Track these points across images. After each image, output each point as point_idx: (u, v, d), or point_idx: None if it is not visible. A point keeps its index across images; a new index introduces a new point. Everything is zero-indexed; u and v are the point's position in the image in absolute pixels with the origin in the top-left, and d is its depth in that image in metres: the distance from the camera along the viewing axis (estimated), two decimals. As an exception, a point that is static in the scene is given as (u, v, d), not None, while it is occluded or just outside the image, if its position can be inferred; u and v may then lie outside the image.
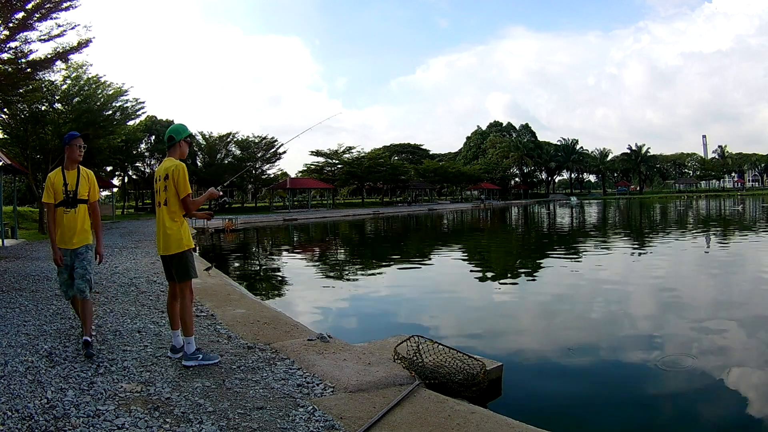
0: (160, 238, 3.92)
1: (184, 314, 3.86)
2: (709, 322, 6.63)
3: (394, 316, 7.55)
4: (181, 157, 4.01)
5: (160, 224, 3.88)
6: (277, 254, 17.56)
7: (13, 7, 12.36)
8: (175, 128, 4.06)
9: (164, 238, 3.86)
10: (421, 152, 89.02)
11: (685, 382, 4.63)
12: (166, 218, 3.84)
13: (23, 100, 18.14)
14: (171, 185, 3.81)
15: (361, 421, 2.91)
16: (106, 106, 25.28)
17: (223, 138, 50.93)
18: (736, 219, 26.82)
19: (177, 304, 3.96)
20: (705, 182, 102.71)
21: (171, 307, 4.01)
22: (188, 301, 3.90)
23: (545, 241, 19.92)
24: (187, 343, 3.87)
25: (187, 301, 3.89)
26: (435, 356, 3.87)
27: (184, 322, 3.87)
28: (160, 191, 3.89)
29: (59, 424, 2.81)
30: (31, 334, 4.68)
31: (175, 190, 3.81)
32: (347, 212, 45.43)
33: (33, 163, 21.86)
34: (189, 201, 3.84)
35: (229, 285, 8.24)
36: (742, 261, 12.28)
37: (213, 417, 2.95)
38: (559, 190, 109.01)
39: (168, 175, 3.81)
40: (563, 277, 10.62)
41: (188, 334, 3.86)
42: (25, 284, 7.66)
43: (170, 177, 3.80)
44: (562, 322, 7.02)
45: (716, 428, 3.86)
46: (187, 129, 4.09)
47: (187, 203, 3.84)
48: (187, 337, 3.87)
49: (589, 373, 4.95)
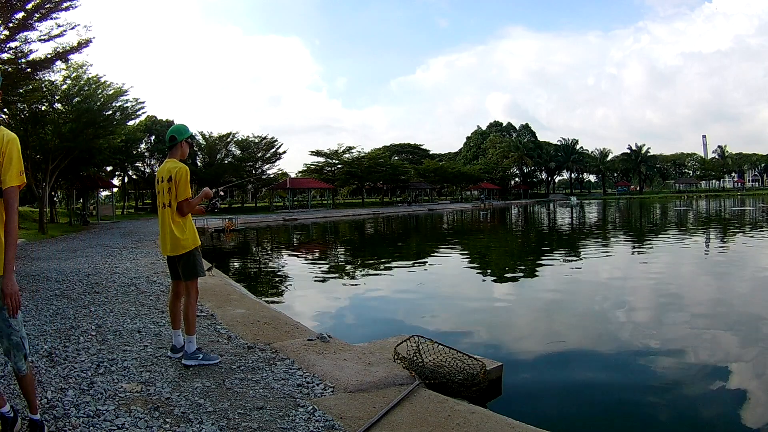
0: (166, 240, 3.90)
1: (188, 312, 3.86)
2: (710, 322, 6.63)
3: (394, 316, 7.54)
4: (182, 157, 4.01)
5: (166, 226, 3.86)
6: (277, 254, 17.56)
7: (13, 7, 12.37)
8: (176, 128, 4.05)
9: (171, 239, 3.85)
10: (421, 152, 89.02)
11: (686, 382, 4.63)
12: (172, 219, 3.83)
13: (23, 100, 18.14)
14: (174, 187, 3.81)
15: (361, 421, 2.91)
16: (106, 106, 25.25)
17: (223, 138, 50.92)
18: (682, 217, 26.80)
19: (180, 303, 3.96)
20: (705, 182, 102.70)
21: (173, 306, 4.01)
22: (194, 300, 3.91)
23: (545, 241, 19.93)
24: (188, 341, 3.87)
25: (193, 300, 3.90)
26: (435, 356, 3.87)
27: (188, 320, 3.86)
28: (163, 192, 3.87)
29: (59, 424, 2.81)
30: (31, 334, 4.67)
31: (175, 191, 3.81)
32: (347, 212, 45.42)
33: (33, 163, 21.86)
34: (185, 204, 3.83)
35: (229, 285, 8.24)
36: (742, 261, 12.28)
37: (213, 417, 2.95)
38: (559, 190, 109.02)
39: (171, 176, 3.81)
40: (563, 277, 10.62)
41: (190, 333, 3.86)
42: (25, 284, 7.67)
43: (173, 179, 3.80)
44: (563, 322, 7.02)
45: (716, 428, 3.86)
46: (188, 130, 4.08)
47: (183, 207, 3.83)
48: (189, 335, 3.86)
49: (589, 373, 4.95)
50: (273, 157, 53.70)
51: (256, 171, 52.97)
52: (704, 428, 3.86)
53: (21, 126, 20.60)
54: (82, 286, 7.48)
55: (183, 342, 3.94)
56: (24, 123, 20.49)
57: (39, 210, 22.41)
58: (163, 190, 3.87)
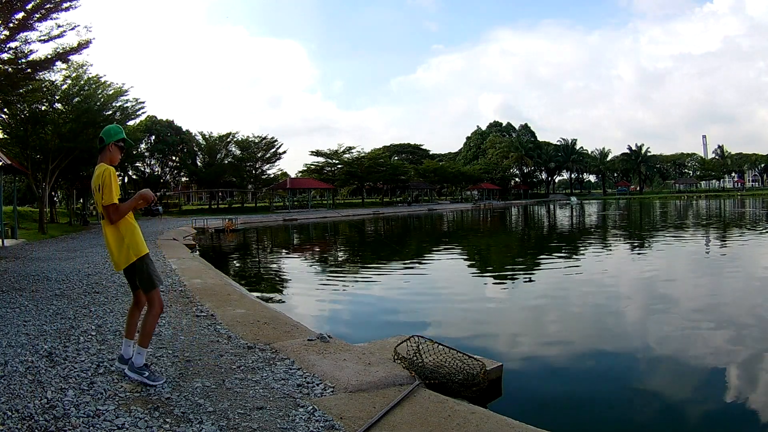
0: (110, 253, 3.54)
1: (146, 324, 3.53)
2: (710, 322, 6.63)
3: (394, 316, 7.55)
4: (111, 163, 3.55)
5: (106, 239, 3.50)
6: (277, 254, 17.56)
7: (13, 7, 12.37)
8: (106, 130, 3.62)
9: (111, 253, 3.51)
10: (421, 152, 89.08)
11: (686, 383, 4.63)
12: (109, 231, 3.48)
13: (23, 100, 18.15)
14: (100, 193, 3.42)
15: (361, 421, 2.91)
16: (106, 106, 25.28)
17: (223, 138, 50.95)
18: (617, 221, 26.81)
19: (139, 312, 3.70)
20: (705, 182, 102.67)
21: (132, 315, 3.71)
22: (156, 312, 3.57)
23: (545, 241, 19.92)
24: (137, 353, 3.52)
25: (155, 312, 3.56)
26: (435, 356, 3.87)
27: (144, 332, 3.53)
28: (98, 203, 3.48)
29: (59, 424, 2.81)
30: (31, 334, 4.68)
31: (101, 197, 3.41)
32: (347, 212, 45.43)
33: (33, 163, 21.87)
34: (113, 209, 3.38)
35: (229, 285, 8.24)
36: (740, 259, 12.29)
37: (213, 417, 2.95)
38: (559, 190, 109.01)
39: (99, 184, 3.42)
40: (564, 277, 10.62)
41: (143, 345, 3.52)
42: (25, 284, 7.66)
43: (100, 186, 3.41)
44: (563, 322, 7.02)
45: (716, 427, 3.86)
46: (121, 132, 3.65)
47: (110, 212, 3.38)
48: (141, 347, 3.52)
49: (589, 374, 4.95)
50: (273, 157, 53.77)
51: (256, 171, 53.00)
52: (704, 428, 3.86)
53: (21, 126, 20.61)
54: (82, 286, 7.48)
55: (132, 353, 3.58)
56: (24, 123, 20.50)
57: (39, 210, 22.40)
58: (98, 201, 3.49)
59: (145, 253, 3.54)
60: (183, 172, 54.12)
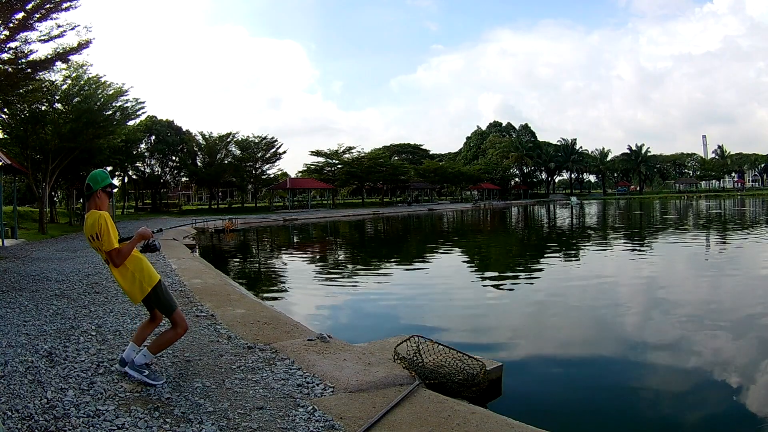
0: (124, 291, 3.63)
1: (166, 339, 3.64)
2: (710, 322, 6.63)
3: (394, 316, 7.55)
4: (99, 208, 3.51)
5: (115, 278, 3.57)
6: (277, 254, 17.56)
7: (13, 7, 12.36)
8: (93, 176, 3.57)
9: (125, 290, 3.58)
10: (421, 152, 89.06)
11: (686, 382, 4.63)
12: (116, 272, 3.53)
13: (23, 100, 18.13)
14: (98, 241, 3.45)
15: (361, 421, 2.91)
16: (106, 106, 25.24)
17: (223, 138, 50.93)
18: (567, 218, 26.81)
19: (153, 327, 3.76)
20: (705, 182, 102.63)
21: (145, 328, 3.76)
22: (180, 333, 3.67)
23: (545, 241, 19.92)
24: (142, 354, 3.59)
25: (179, 333, 3.67)
26: (435, 356, 3.87)
27: (159, 343, 3.63)
28: (98, 251, 3.56)
29: (59, 424, 2.81)
30: (31, 334, 4.68)
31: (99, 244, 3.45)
32: (347, 212, 45.42)
33: (33, 163, 21.85)
34: (115, 254, 3.43)
35: (229, 285, 8.24)
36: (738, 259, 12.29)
37: (213, 417, 2.95)
38: (559, 190, 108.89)
39: (94, 234, 3.43)
40: (564, 277, 10.62)
41: (152, 353, 3.61)
42: (25, 284, 7.67)
43: (97, 235, 3.42)
44: (563, 322, 7.02)
45: (716, 427, 3.86)
46: (107, 178, 3.62)
47: (113, 257, 3.43)
48: (149, 353, 3.60)
49: (589, 374, 4.95)
50: (273, 157, 53.74)
51: (256, 171, 53.00)
52: (704, 427, 3.86)
53: (21, 126, 20.60)
54: (82, 286, 7.48)
55: (133, 356, 3.61)
56: (24, 123, 20.47)
57: (39, 210, 22.38)
58: (96, 248, 3.53)
59: (157, 281, 3.60)
60: (183, 172, 54.06)
